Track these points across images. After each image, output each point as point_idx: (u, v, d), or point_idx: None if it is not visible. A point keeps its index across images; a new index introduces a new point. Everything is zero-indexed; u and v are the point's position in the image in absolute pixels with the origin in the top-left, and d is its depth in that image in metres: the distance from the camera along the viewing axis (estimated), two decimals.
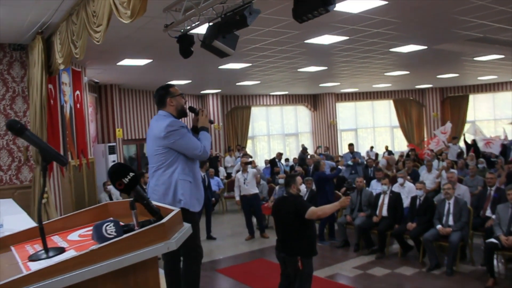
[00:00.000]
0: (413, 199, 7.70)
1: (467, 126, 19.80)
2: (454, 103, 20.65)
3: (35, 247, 1.73)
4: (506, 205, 6.38)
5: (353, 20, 6.73)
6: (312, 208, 4.82)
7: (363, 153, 17.24)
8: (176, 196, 3.40)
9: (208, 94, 16.56)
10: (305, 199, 8.97)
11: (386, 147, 18.32)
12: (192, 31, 5.34)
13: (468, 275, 6.62)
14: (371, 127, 21.54)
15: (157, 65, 9.48)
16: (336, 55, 9.74)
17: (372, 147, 18.35)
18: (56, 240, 1.72)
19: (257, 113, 19.21)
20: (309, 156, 17.43)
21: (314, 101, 20.39)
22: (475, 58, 11.64)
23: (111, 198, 9.95)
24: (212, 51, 4.78)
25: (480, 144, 12.90)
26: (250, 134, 18.77)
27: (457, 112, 20.52)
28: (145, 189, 8.55)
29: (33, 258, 1.55)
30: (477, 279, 6.39)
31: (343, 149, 19.43)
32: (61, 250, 1.58)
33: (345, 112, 21.09)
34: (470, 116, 20.58)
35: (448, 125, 15.52)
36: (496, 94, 20.25)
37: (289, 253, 4.77)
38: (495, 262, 6.40)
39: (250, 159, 11.61)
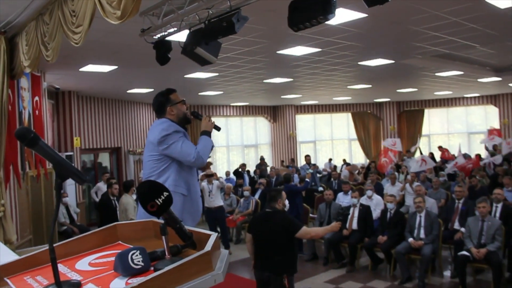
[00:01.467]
0: (384, 212, 7.71)
1: (423, 140, 20.46)
2: (410, 117, 21.18)
3: (37, 279, 1.45)
4: (476, 218, 6.48)
5: (329, 32, 6.68)
6: (305, 228, 4.79)
7: (321, 165, 17.35)
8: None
9: None
10: None
11: (344, 160, 18.53)
12: (170, 37, 5.10)
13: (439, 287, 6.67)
14: (329, 140, 21.72)
15: (121, 72, 9.11)
16: (304, 66, 9.70)
17: (330, 159, 18.47)
18: (62, 270, 1.45)
19: (216, 123, 18.89)
20: (268, 168, 17.42)
21: (274, 112, 20.38)
22: (436, 74, 11.92)
23: (68, 210, 9.45)
24: (193, 58, 4.57)
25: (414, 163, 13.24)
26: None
27: (412, 126, 21.04)
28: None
29: None
30: None
31: (302, 161, 19.47)
32: (77, 285, 1.32)
33: (304, 124, 21.18)
34: (425, 130, 21.16)
35: (398, 140, 15.91)
36: (449, 109, 20.94)
37: (274, 272, 4.56)
38: None
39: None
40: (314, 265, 7.98)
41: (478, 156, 13.83)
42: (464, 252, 6.24)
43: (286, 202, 4.92)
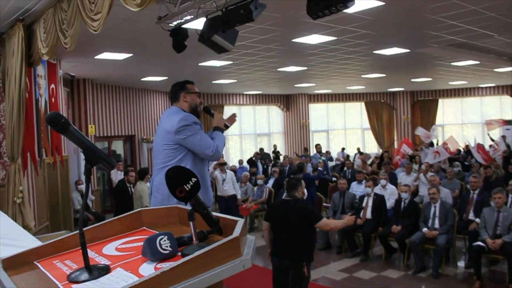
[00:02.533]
0: (398, 201, 7.69)
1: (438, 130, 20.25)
2: (424, 107, 20.99)
3: (66, 263, 1.47)
4: (492, 209, 6.44)
5: (345, 20, 6.62)
6: (325, 220, 4.80)
7: (334, 155, 17.33)
8: None
9: None
10: None
11: (358, 149, 18.47)
12: (186, 25, 5.09)
13: (453, 278, 6.66)
14: (342, 129, 21.63)
15: (136, 60, 9.13)
16: (319, 55, 9.64)
17: (343, 149, 18.42)
18: (90, 254, 1.47)
19: (229, 112, 18.87)
20: (281, 157, 17.44)
21: (286, 101, 20.31)
22: (452, 63, 11.79)
23: (83, 197, 9.55)
24: (210, 46, 4.56)
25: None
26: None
27: (426, 116, 20.86)
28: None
29: (74, 278, 1.30)
30: (463, 282, 6.45)
31: (313, 150, 19.45)
32: (106, 269, 1.34)
33: (317, 113, 21.09)
34: (439, 119, 20.97)
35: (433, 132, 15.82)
36: (464, 99, 20.72)
37: (294, 259, 4.56)
38: None
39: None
40: (327, 254, 8.00)
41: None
42: (479, 243, 6.21)
43: (305, 190, 4.95)
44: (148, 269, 1.30)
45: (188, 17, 4.90)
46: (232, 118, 3.81)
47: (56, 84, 8.26)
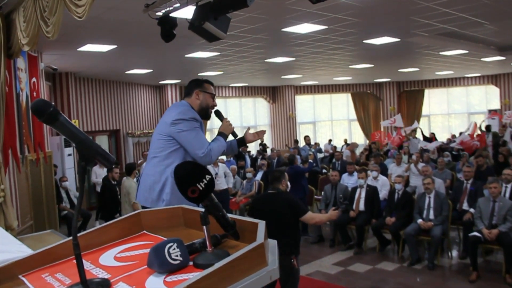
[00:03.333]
0: (391, 193, 7.58)
1: (423, 120, 20.30)
2: (410, 97, 20.99)
3: (58, 277, 1.27)
4: (487, 199, 6.36)
5: (337, 8, 6.46)
6: (310, 213, 4.71)
7: (321, 146, 17.23)
8: (161, 194, 2.94)
9: (167, 84, 15.88)
10: None
11: (345, 140, 18.40)
12: (174, 14, 4.86)
13: (449, 269, 6.60)
14: (329, 120, 21.54)
15: (121, 52, 8.85)
16: (308, 45, 9.47)
17: (330, 140, 18.34)
18: (85, 265, 1.27)
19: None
20: (268, 150, 17.27)
21: (273, 93, 20.14)
22: (441, 53, 11.71)
23: (68, 195, 9.27)
24: (201, 34, 4.34)
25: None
26: (208, 126, 18.25)
27: (413, 106, 20.88)
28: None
29: None
30: (459, 273, 6.37)
31: (302, 142, 19.33)
32: (107, 285, 1.14)
33: (303, 105, 20.96)
34: (425, 110, 21.01)
35: (398, 116, 15.84)
36: (449, 89, 20.76)
37: (283, 253, 4.41)
38: None
39: None
40: (320, 247, 7.87)
41: (484, 133, 13.58)
42: (476, 233, 6.12)
43: (288, 183, 4.85)
44: (156, 284, 1.11)
45: (177, 5, 4.67)
46: (261, 133, 3.61)
47: (38, 78, 7.95)
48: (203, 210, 1.26)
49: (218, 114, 3.40)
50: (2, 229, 3.53)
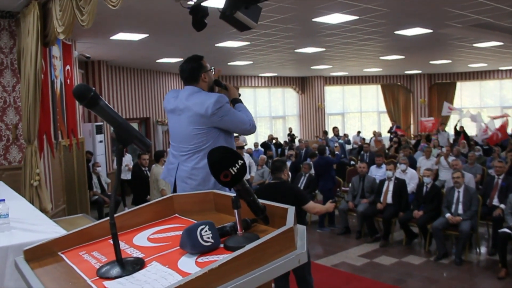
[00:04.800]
0: (420, 186, 7.51)
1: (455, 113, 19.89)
2: (441, 90, 20.59)
3: (94, 255, 1.33)
4: None
5: None
6: (312, 203, 4.75)
7: (351, 138, 17.13)
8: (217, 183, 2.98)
9: None
10: (302, 184, 8.73)
11: (374, 132, 18.20)
12: (205, 3, 4.90)
13: (477, 265, 6.50)
14: (358, 112, 21.34)
15: (152, 41, 8.96)
16: (338, 35, 9.39)
17: (359, 132, 18.20)
18: (120, 246, 1.33)
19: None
20: (296, 140, 17.27)
21: (302, 84, 20.05)
22: (474, 45, 11.44)
23: (99, 180, 9.49)
24: (232, 23, 4.36)
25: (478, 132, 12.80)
26: None
27: (443, 99, 20.39)
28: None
29: (105, 273, 1.16)
30: (487, 269, 6.27)
31: (330, 133, 19.26)
32: (141, 263, 1.20)
33: (332, 96, 20.82)
34: (456, 103, 20.55)
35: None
36: (482, 82, 20.27)
37: None
38: None
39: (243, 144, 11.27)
40: (346, 238, 7.87)
41: (506, 123, 13.14)
42: (505, 230, 6.01)
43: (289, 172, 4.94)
44: (188, 264, 1.16)
45: None
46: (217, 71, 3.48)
47: (72, 66, 8.14)
48: (234, 195, 1.30)
49: (218, 83, 3.29)
50: (38, 211, 3.67)
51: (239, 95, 3.38)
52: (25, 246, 2.65)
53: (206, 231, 1.20)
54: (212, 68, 3.21)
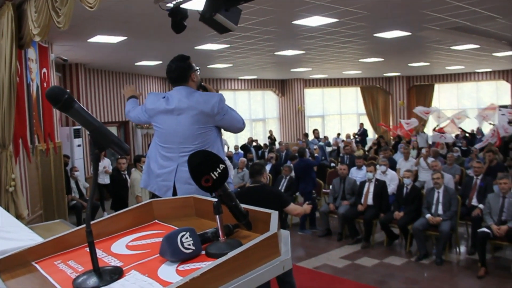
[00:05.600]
0: (400, 187, 7.56)
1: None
2: (420, 92, 20.86)
3: (70, 264, 1.28)
4: (497, 195, 6.32)
5: (348, 1, 6.40)
6: (293, 205, 4.82)
7: (331, 140, 17.23)
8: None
9: None
10: (283, 186, 8.71)
11: (354, 134, 18.33)
12: (184, 5, 4.85)
13: (457, 264, 6.57)
14: (337, 114, 21.46)
15: (130, 44, 8.86)
16: (318, 38, 9.42)
17: (339, 134, 18.31)
18: (98, 254, 1.28)
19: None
20: (277, 143, 17.28)
21: (282, 86, 20.09)
22: (451, 47, 11.60)
23: (77, 185, 9.32)
24: (211, 25, 4.33)
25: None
26: None
27: (422, 101, 20.72)
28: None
29: (81, 284, 1.11)
30: (467, 268, 6.34)
31: (311, 136, 19.32)
32: (119, 272, 1.15)
33: (312, 98, 20.90)
34: (434, 105, 20.79)
35: (414, 120, 15.75)
36: (460, 84, 20.58)
37: None
38: None
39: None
40: (328, 240, 7.87)
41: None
42: (484, 229, 6.09)
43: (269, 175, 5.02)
44: (168, 272, 1.12)
45: None
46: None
47: (48, 69, 7.99)
48: (215, 200, 1.26)
49: (203, 86, 3.29)
50: (13, 218, 3.56)
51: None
52: None
53: (187, 237, 1.16)
54: (198, 68, 3.20)
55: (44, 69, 7.77)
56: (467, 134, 15.83)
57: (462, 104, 20.82)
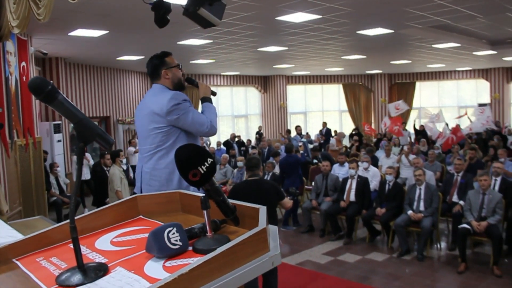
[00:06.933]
0: (382, 184, 7.61)
1: (414, 113, 20.38)
2: (401, 90, 21.04)
3: (53, 261, 1.23)
4: (477, 191, 6.40)
5: None
6: (287, 199, 4.99)
7: (312, 137, 17.29)
8: (182, 182, 2.81)
9: None
10: None
11: (335, 131, 18.39)
12: None
13: (438, 260, 6.65)
14: (320, 111, 21.54)
15: (112, 38, 8.73)
16: (301, 34, 9.42)
17: (321, 131, 18.34)
18: (81, 250, 1.24)
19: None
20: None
21: (264, 83, 20.07)
22: (433, 45, 11.72)
23: (57, 181, 9.18)
24: (195, 20, 4.25)
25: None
26: None
27: (403, 99, 20.68)
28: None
29: (64, 281, 1.07)
30: (448, 264, 6.42)
31: (293, 132, 19.35)
32: (104, 269, 1.11)
33: (294, 95, 20.93)
34: (416, 103, 21.08)
35: (402, 104, 15.89)
36: (440, 82, 20.83)
37: None
38: None
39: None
40: (310, 237, 7.89)
41: (458, 126, 13.46)
42: (465, 225, 6.17)
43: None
44: (155, 268, 1.09)
45: None
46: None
47: (27, 62, 7.84)
48: (200, 195, 1.23)
49: (190, 81, 3.23)
50: None
51: (215, 93, 3.30)
52: None
53: (173, 233, 1.13)
54: (179, 64, 3.13)
55: (23, 62, 7.62)
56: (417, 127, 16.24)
57: (442, 102, 21.10)
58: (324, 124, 18.34)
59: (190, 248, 1.18)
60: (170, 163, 2.88)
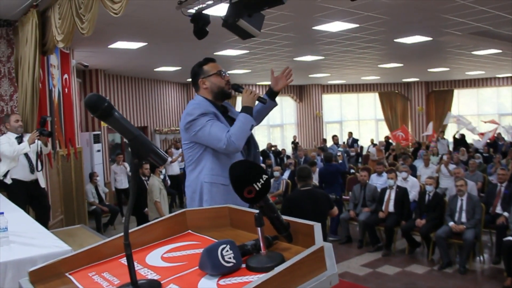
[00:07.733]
0: (422, 194, 7.44)
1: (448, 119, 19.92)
2: (439, 98, 20.60)
3: (105, 276, 1.24)
4: None
5: (369, 6, 6.35)
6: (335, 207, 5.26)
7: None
8: (202, 202, 2.75)
9: None
10: None
11: (372, 140, 18.15)
12: (205, 11, 4.85)
13: (481, 274, 6.43)
14: (356, 120, 21.32)
15: (150, 49, 8.91)
16: (338, 44, 9.37)
17: (357, 140, 18.15)
18: None
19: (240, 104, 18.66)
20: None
21: (300, 92, 20.03)
22: (473, 52, 11.44)
23: (97, 190, 9.37)
24: (234, 31, 4.31)
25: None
26: None
27: (441, 107, 20.47)
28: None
29: None
30: (493, 278, 6.19)
31: (329, 142, 19.21)
32: (157, 286, 1.11)
33: (330, 104, 20.80)
34: (454, 110, 20.56)
35: (429, 126, 15.64)
36: (480, 90, 20.29)
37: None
38: None
39: None
40: (348, 248, 7.77)
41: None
42: (510, 238, 5.94)
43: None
44: (209, 286, 1.08)
45: (210, 2, 4.66)
46: (285, 72, 3.29)
47: (69, 74, 8.07)
48: (255, 211, 1.22)
49: (236, 87, 2.95)
50: (37, 223, 3.57)
51: (264, 101, 3.00)
52: (25, 261, 2.58)
53: (227, 250, 1.11)
54: (220, 71, 2.87)
55: (66, 75, 7.85)
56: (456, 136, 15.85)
57: (482, 110, 20.54)
58: (350, 134, 18.15)
59: (243, 265, 1.16)
60: (193, 181, 2.81)
